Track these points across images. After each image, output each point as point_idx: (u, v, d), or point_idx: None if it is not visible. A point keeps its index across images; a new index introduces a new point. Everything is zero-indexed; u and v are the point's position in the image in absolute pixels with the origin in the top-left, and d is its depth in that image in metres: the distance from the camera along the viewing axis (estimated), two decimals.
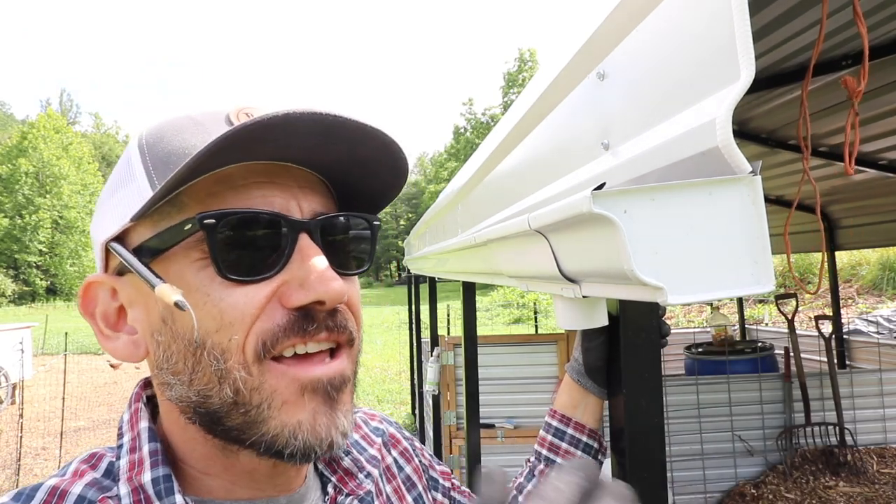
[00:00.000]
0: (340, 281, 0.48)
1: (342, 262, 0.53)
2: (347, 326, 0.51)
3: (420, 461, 0.76)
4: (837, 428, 3.38)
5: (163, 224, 0.48)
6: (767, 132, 3.11)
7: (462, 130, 45.38)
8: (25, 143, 39.73)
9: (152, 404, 0.55)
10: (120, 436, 0.52)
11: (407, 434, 0.79)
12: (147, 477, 0.48)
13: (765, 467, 3.42)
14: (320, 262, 0.48)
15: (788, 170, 3.53)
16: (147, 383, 0.57)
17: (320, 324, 0.48)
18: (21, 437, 6.41)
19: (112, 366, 12.74)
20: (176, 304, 0.44)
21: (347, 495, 0.60)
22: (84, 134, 60.70)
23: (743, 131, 3.08)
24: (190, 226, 0.46)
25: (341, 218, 0.53)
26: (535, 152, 0.69)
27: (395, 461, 0.73)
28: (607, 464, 0.86)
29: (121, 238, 0.50)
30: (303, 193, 0.51)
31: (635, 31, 0.41)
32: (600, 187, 0.34)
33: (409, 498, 0.69)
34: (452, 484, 0.79)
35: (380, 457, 0.70)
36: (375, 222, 0.57)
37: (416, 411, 6.62)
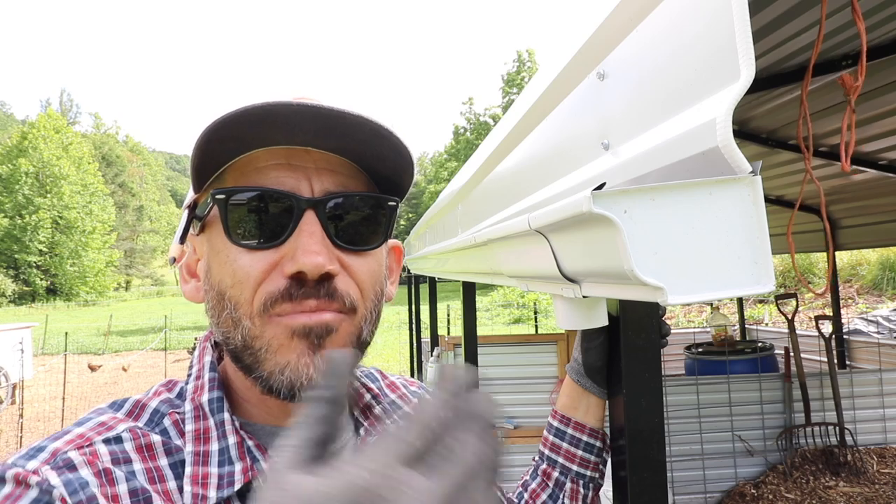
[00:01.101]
0: (324, 254, 0.55)
1: (350, 237, 0.59)
2: (337, 296, 0.57)
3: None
4: (837, 428, 3.37)
5: (205, 197, 0.59)
6: (767, 132, 3.11)
7: (462, 130, 45.37)
8: (25, 143, 39.74)
9: (220, 346, 0.66)
10: (190, 367, 0.64)
11: (405, 380, 0.84)
12: (205, 398, 0.60)
13: (765, 467, 3.42)
14: (310, 236, 0.55)
15: (788, 170, 3.54)
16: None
17: (308, 290, 0.55)
18: (21, 437, 6.41)
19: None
20: (170, 261, 0.62)
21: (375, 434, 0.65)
22: (84, 134, 60.63)
23: (743, 131, 3.08)
24: (209, 199, 0.57)
25: (352, 196, 0.60)
26: (535, 152, 0.69)
27: (393, 402, 0.76)
28: (608, 465, 0.86)
29: (195, 205, 0.62)
30: (318, 174, 0.59)
31: (635, 31, 0.41)
32: (600, 187, 0.34)
33: None
34: None
35: (399, 402, 0.76)
36: (390, 203, 0.63)
37: None
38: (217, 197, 0.56)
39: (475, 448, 0.31)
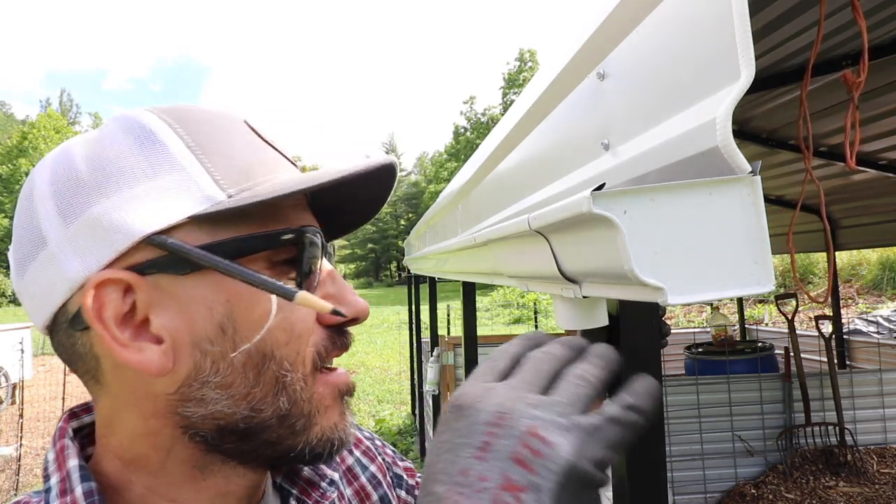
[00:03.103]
0: None
1: None
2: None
3: (383, 459, 0.74)
4: (837, 428, 3.38)
5: (243, 229, 0.45)
6: (767, 132, 3.11)
7: (462, 130, 45.39)
8: (26, 143, 39.80)
9: (81, 437, 0.51)
10: (46, 478, 0.46)
11: (367, 432, 0.77)
12: None
13: (765, 467, 3.42)
14: (339, 277, 0.51)
15: (788, 170, 3.54)
16: (73, 415, 0.52)
17: (346, 339, 0.51)
18: (21, 436, 6.42)
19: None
20: (335, 313, 0.44)
21: None
22: None
23: (743, 131, 3.08)
24: (291, 236, 0.46)
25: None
26: (535, 152, 0.69)
27: (358, 461, 0.71)
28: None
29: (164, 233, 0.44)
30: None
31: (635, 31, 0.41)
32: (600, 187, 0.34)
33: (374, 497, 0.68)
34: (417, 482, 0.76)
35: (338, 459, 0.68)
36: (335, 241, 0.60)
37: (416, 411, 6.62)
38: (307, 235, 0.47)
39: (587, 370, 0.40)
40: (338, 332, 0.50)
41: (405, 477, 0.75)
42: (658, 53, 0.38)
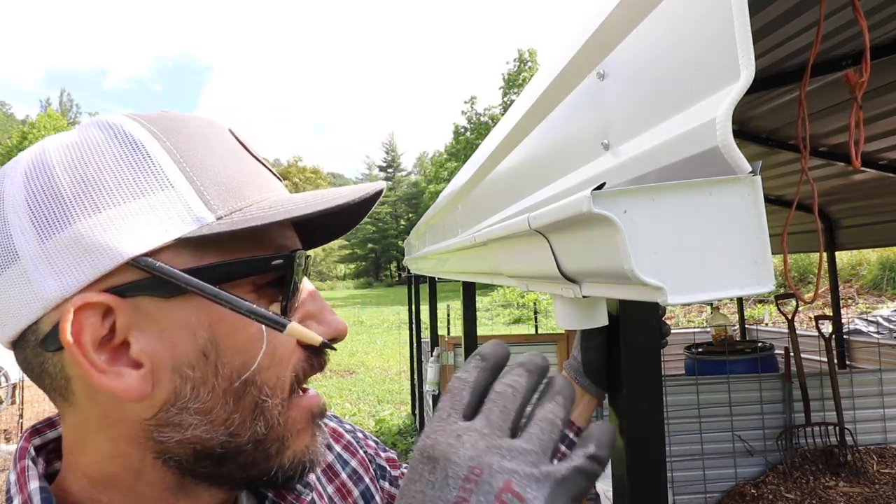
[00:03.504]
0: None
1: None
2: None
3: (365, 451, 0.73)
4: (837, 428, 3.38)
5: (231, 252, 0.44)
6: (767, 132, 3.11)
7: (462, 130, 45.38)
8: (26, 143, 39.77)
9: (45, 456, 0.50)
10: (9, 500, 0.44)
11: (349, 425, 0.76)
12: None
13: (765, 467, 3.42)
14: (320, 297, 0.51)
15: (788, 170, 3.53)
16: (35, 432, 0.50)
17: (323, 358, 0.51)
18: (21, 437, 6.41)
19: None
20: (324, 346, 0.47)
21: None
22: None
23: (743, 131, 3.08)
24: (280, 262, 0.46)
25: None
26: (535, 152, 0.69)
27: (339, 456, 0.70)
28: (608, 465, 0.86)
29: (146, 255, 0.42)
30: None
31: (635, 31, 0.41)
32: (600, 187, 0.34)
33: (356, 492, 0.67)
34: (401, 473, 0.75)
35: None
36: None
37: (416, 411, 6.62)
38: (297, 261, 0.47)
39: (553, 411, 0.39)
40: (315, 353, 0.50)
41: (388, 468, 0.74)
42: (658, 53, 0.38)
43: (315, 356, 0.50)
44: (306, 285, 0.51)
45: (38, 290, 0.41)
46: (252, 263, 0.45)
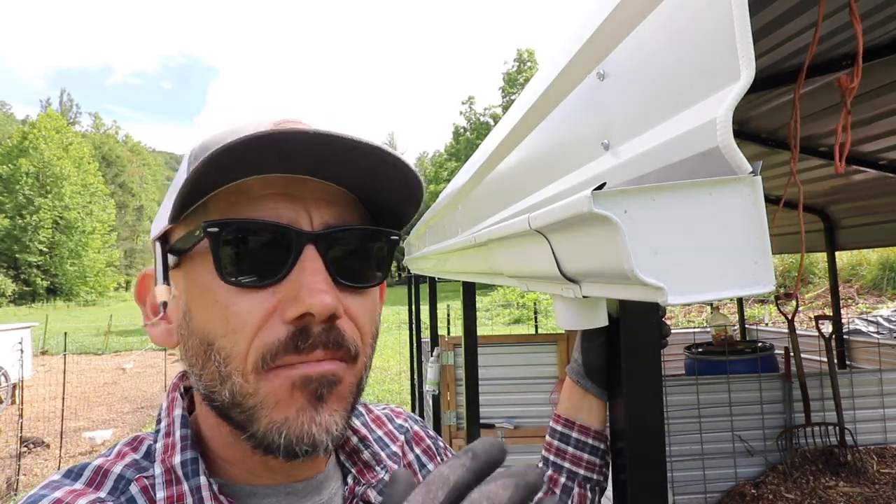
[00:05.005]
0: (332, 293, 0.49)
1: (350, 274, 0.53)
2: (345, 343, 0.51)
3: (442, 460, 0.77)
4: (837, 428, 3.37)
5: (187, 229, 0.52)
6: (767, 132, 3.11)
7: (462, 130, 45.35)
8: (26, 143, 39.76)
9: (190, 394, 0.61)
10: (158, 421, 0.58)
11: (432, 433, 0.80)
12: (177, 459, 0.53)
13: (765, 467, 3.42)
14: (315, 273, 0.49)
15: (788, 170, 3.53)
16: (185, 374, 0.60)
17: (315, 340, 0.49)
18: (21, 437, 6.41)
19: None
20: (161, 305, 0.52)
21: (365, 486, 0.62)
22: (84, 134, 60.72)
23: (743, 131, 3.08)
24: (199, 232, 0.49)
25: (354, 230, 0.54)
26: (535, 152, 0.69)
27: (418, 458, 0.75)
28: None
29: (166, 237, 0.55)
30: (317, 206, 0.53)
31: (635, 31, 0.41)
32: (600, 187, 0.34)
33: None
34: None
35: (401, 454, 0.73)
36: (393, 236, 0.58)
37: (417, 411, 6.62)
38: (210, 230, 0.48)
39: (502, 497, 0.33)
40: (301, 332, 0.49)
41: None
42: (658, 53, 0.38)
43: (301, 336, 0.49)
44: (304, 259, 0.50)
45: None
46: (187, 237, 0.52)
